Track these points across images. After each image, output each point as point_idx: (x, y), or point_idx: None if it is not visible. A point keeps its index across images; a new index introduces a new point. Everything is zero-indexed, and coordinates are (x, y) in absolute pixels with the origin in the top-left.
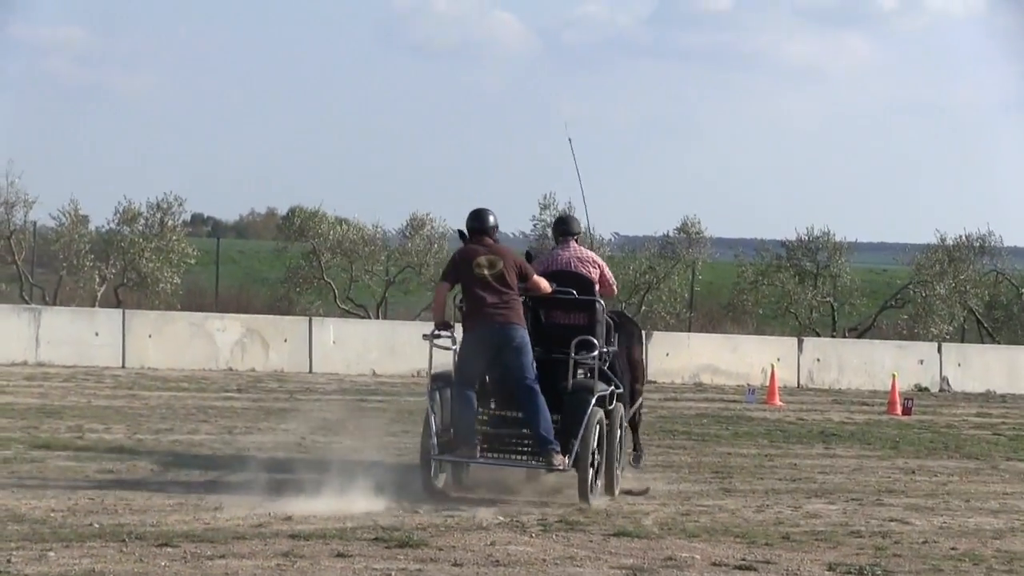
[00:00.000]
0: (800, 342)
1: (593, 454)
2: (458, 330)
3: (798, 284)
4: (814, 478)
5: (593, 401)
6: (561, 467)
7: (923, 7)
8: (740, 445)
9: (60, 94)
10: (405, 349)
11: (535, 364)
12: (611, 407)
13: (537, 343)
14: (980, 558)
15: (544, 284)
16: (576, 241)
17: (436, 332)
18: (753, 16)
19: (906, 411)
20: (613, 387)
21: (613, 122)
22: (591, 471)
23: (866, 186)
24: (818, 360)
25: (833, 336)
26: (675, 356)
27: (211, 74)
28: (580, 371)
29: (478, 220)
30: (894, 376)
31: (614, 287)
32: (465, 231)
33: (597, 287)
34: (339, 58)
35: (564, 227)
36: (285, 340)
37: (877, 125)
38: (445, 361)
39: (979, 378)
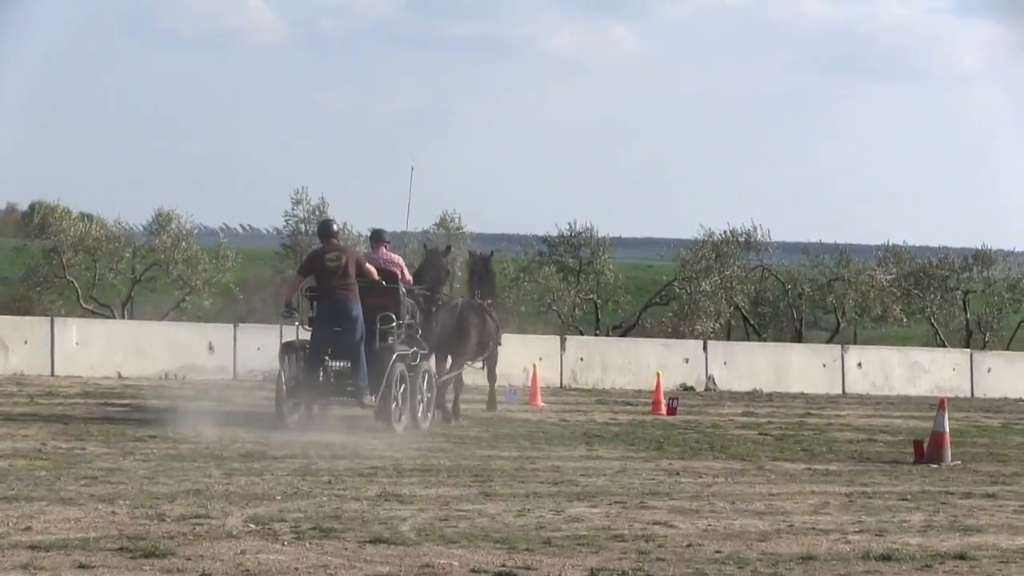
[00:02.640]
0: (563, 341)
1: (394, 396)
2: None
3: (561, 281)
4: (576, 481)
5: (392, 358)
6: (370, 404)
7: None
8: (501, 447)
9: None
10: (153, 350)
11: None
12: (415, 363)
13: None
14: (745, 561)
15: (374, 272)
16: (385, 248)
17: (286, 311)
18: (517, 5)
19: (671, 411)
20: (416, 348)
21: (372, 113)
22: (392, 406)
23: (630, 180)
24: (581, 359)
25: (597, 334)
26: None
27: None
28: (391, 337)
29: (326, 227)
30: (659, 375)
31: (410, 280)
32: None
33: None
34: (82, 46)
35: (379, 236)
36: (25, 342)
37: (642, 117)
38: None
39: (745, 376)
